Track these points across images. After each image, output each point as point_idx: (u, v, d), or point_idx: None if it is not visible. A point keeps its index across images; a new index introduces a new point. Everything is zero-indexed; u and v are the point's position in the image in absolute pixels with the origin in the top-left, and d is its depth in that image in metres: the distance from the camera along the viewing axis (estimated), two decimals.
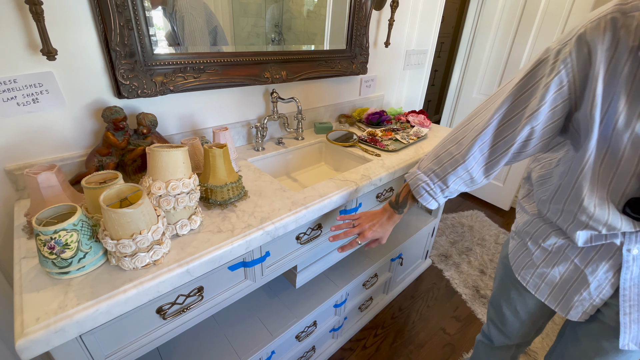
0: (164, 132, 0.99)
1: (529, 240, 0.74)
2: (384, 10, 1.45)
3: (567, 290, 0.69)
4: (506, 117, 0.60)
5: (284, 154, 1.22)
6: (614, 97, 0.48)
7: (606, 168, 0.53)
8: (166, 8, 0.90)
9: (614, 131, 0.50)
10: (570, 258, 0.67)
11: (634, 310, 0.62)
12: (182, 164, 0.66)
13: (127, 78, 0.83)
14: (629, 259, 0.59)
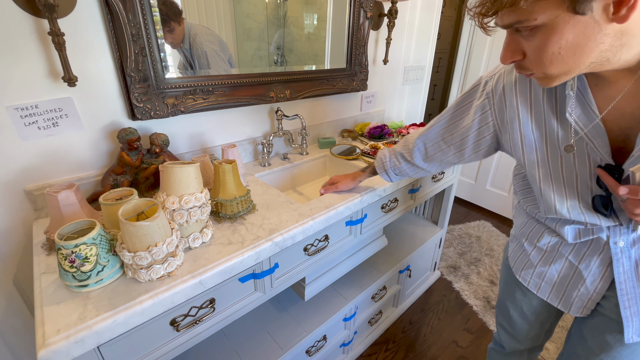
0: (175, 150, 1.03)
1: (526, 241, 0.77)
2: (381, 29, 1.52)
3: (566, 287, 0.71)
4: (446, 125, 0.77)
5: (289, 168, 1.25)
6: (523, 123, 0.62)
7: (558, 177, 0.60)
8: (183, 45, 0.97)
9: (538, 147, 0.61)
10: (565, 255, 0.69)
11: (633, 304, 0.63)
12: (194, 179, 0.70)
13: (141, 101, 0.88)
14: (617, 251, 0.61)
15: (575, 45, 0.42)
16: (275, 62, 1.24)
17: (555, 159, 0.60)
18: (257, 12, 1.14)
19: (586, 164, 0.56)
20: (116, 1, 0.78)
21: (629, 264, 0.61)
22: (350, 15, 1.33)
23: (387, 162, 0.90)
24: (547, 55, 0.44)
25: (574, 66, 0.45)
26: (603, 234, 0.61)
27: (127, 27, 0.81)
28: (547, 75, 0.47)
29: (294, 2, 1.22)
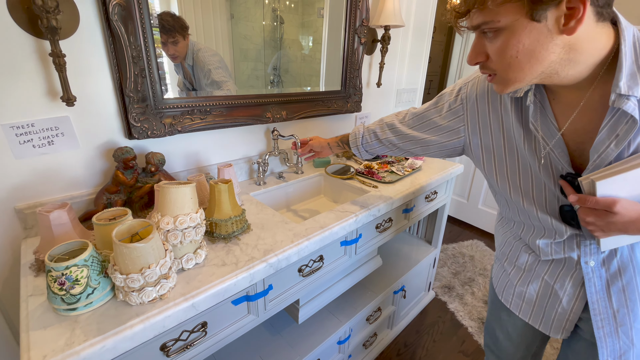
0: (171, 169, 1.03)
1: (505, 262, 0.79)
2: (374, 54, 1.57)
3: (545, 308, 0.72)
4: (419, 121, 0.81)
5: (284, 187, 1.26)
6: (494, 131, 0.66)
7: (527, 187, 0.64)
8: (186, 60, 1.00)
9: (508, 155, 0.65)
10: (541, 275, 0.71)
11: (606, 324, 0.63)
12: (190, 199, 0.70)
13: (139, 121, 0.88)
14: (588, 271, 0.62)
15: (531, 51, 0.45)
16: (272, 82, 1.27)
17: (524, 168, 0.63)
18: (255, 34, 1.18)
19: (550, 174, 0.59)
20: (118, 24, 0.80)
21: (600, 284, 0.62)
22: (345, 40, 1.38)
23: (360, 137, 0.95)
24: (506, 57, 0.47)
25: (528, 73, 0.48)
26: (574, 254, 0.63)
27: (128, 50, 0.83)
28: (504, 79, 0.50)
29: (291, 25, 1.27)
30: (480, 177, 2.48)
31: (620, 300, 0.62)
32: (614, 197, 0.48)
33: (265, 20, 1.19)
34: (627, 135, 0.47)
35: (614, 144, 0.49)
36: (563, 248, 0.64)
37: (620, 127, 0.48)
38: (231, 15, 1.08)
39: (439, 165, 1.48)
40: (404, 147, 0.86)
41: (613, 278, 0.61)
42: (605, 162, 0.50)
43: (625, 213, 0.48)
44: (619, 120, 0.48)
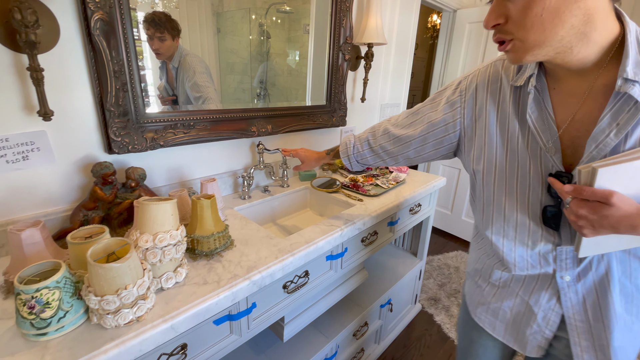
0: (152, 184, 1.01)
1: (479, 278, 0.77)
2: (358, 70, 1.61)
3: (520, 325, 0.70)
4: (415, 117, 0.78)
5: (270, 201, 1.25)
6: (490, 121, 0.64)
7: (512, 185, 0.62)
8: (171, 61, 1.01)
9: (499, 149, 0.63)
10: (516, 291, 0.69)
11: (582, 339, 0.63)
12: (171, 216, 0.68)
13: (119, 135, 0.87)
14: (564, 285, 0.62)
15: (556, 9, 0.45)
16: (258, 95, 1.28)
17: (512, 164, 0.61)
18: (241, 48, 1.19)
19: (539, 171, 0.58)
20: (100, 39, 0.79)
21: (576, 299, 0.62)
22: (330, 57, 1.41)
23: (351, 147, 0.90)
24: (530, 15, 0.46)
25: (549, 35, 0.47)
26: (550, 268, 0.62)
27: (110, 64, 0.82)
28: (524, 42, 0.48)
29: (277, 40, 1.29)
30: (463, 188, 2.53)
31: (596, 316, 0.61)
32: (611, 189, 0.46)
33: (252, 34, 1.21)
34: (629, 123, 0.47)
35: (613, 132, 0.48)
36: (539, 262, 0.63)
37: (622, 115, 0.48)
38: (218, 30, 1.09)
39: (423, 178, 1.50)
40: (398, 152, 0.81)
41: (589, 293, 0.61)
42: (602, 154, 0.50)
43: (622, 206, 0.46)
44: (621, 108, 0.48)
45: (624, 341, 0.62)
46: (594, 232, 0.49)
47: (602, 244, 0.53)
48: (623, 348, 0.62)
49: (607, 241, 0.53)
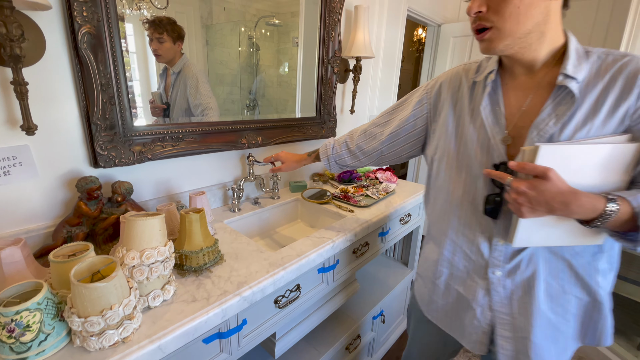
0: (139, 198, 0.99)
1: (427, 278, 0.82)
2: (347, 83, 1.63)
3: (464, 321, 0.74)
4: (388, 116, 0.86)
5: (260, 213, 1.24)
6: (448, 115, 0.72)
7: (460, 172, 0.69)
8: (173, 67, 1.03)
9: (454, 138, 0.70)
10: (456, 288, 0.75)
11: (505, 330, 0.68)
12: (159, 232, 0.67)
13: (106, 149, 0.85)
14: (494, 280, 0.67)
15: (529, 4, 0.52)
16: (247, 106, 1.28)
17: (463, 153, 0.68)
18: (231, 60, 1.20)
19: (485, 162, 0.64)
20: (87, 53, 0.78)
21: (504, 293, 0.66)
22: (319, 70, 1.43)
23: (330, 149, 0.97)
24: (510, 6, 0.52)
25: (521, 26, 0.54)
26: (484, 263, 0.67)
27: (97, 77, 0.81)
28: (500, 31, 0.55)
29: (266, 52, 1.30)
30: None
31: (520, 311, 0.66)
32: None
33: (241, 46, 1.22)
34: (565, 114, 0.55)
35: (552, 121, 0.56)
36: (476, 256, 0.68)
37: (560, 107, 0.56)
38: (207, 42, 1.10)
39: (412, 188, 1.52)
40: (372, 150, 0.87)
41: (516, 289, 0.65)
42: (541, 140, 0.57)
43: (557, 182, 0.51)
44: (560, 101, 0.56)
45: (546, 339, 0.66)
46: (531, 211, 0.53)
47: (535, 236, 0.58)
48: (543, 346, 0.66)
49: (539, 233, 0.57)
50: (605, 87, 0.54)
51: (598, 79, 0.55)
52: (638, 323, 1.73)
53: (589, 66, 0.56)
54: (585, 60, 0.56)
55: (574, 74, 0.54)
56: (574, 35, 0.58)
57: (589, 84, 0.55)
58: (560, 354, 0.68)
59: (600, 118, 0.54)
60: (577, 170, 0.53)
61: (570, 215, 0.53)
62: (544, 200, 0.51)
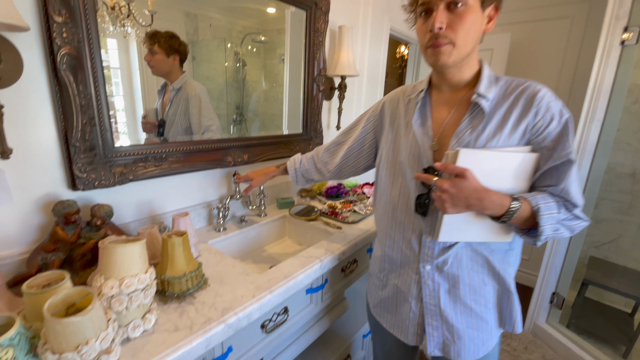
0: (120, 220, 0.96)
1: (372, 275, 0.92)
2: (333, 100, 1.66)
3: (401, 314, 0.81)
4: (343, 134, 0.98)
5: (246, 232, 1.22)
6: (388, 129, 0.83)
7: (397, 178, 0.78)
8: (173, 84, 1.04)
9: (392, 149, 0.80)
10: (394, 282, 0.82)
11: (433, 319, 0.76)
12: (139, 258, 0.64)
13: (85, 171, 0.83)
14: (424, 274, 0.75)
15: (478, 26, 0.63)
16: (235, 120, 1.28)
17: (400, 161, 0.77)
18: (217, 75, 1.20)
19: (416, 167, 0.73)
20: (67, 74, 0.77)
21: (432, 286, 0.74)
22: (305, 88, 1.44)
23: (298, 163, 1.05)
24: (466, 25, 0.60)
25: (469, 43, 0.63)
26: (416, 258, 0.75)
27: (77, 99, 0.79)
28: (457, 45, 0.62)
29: (253, 67, 1.31)
30: None
31: (446, 301, 0.74)
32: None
33: (228, 62, 1.22)
34: (478, 125, 0.66)
35: (469, 131, 0.66)
36: (410, 251, 0.76)
37: (475, 119, 0.66)
38: (193, 57, 1.10)
39: None
40: (334, 164, 0.97)
41: (443, 282, 0.74)
42: (461, 146, 0.66)
43: (472, 180, 0.60)
44: (476, 115, 0.67)
45: (470, 327, 0.75)
46: (453, 207, 0.62)
47: (456, 232, 0.67)
48: (468, 333, 0.75)
49: (460, 229, 0.66)
50: (510, 106, 0.65)
51: (505, 100, 0.65)
52: (622, 331, 1.77)
53: (497, 89, 0.67)
54: (495, 84, 0.67)
55: (485, 93, 0.65)
56: (487, 64, 0.71)
57: (498, 103, 0.66)
58: (486, 341, 0.77)
59: (506, 131, 0.64)
60: (489, 173, 0.62)
61: (484, 211, 0.62)
62: (463, 197, 0.60)
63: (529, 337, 1.90)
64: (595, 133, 1.56)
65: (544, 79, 2.16)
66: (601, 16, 1.58)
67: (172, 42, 0.99)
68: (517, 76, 0.71)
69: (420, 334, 0.79)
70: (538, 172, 0.65)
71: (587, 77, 1.57)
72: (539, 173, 0.65)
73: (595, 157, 1.60)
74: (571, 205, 0.64)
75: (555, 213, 0.62)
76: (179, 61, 1.04)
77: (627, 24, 1.40)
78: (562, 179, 0.63)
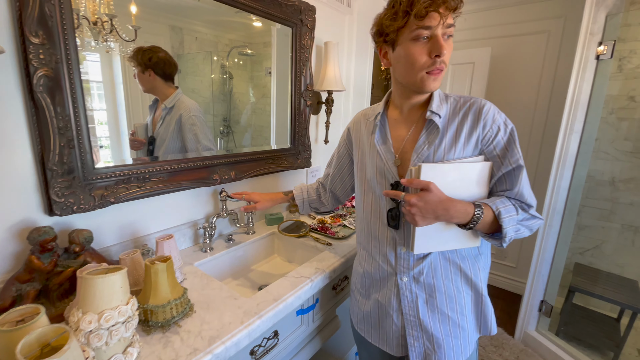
0: (100, 244, 0.92)
1: (354, 291, 0.93)
2: (320, 114, 1.66)
3: (385, 328, 0.83)
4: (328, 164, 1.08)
5: (234, 251, 1.19)
6: (355, 150, 0.90)
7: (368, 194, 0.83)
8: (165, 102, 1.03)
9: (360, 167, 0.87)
10: (374, 297, 0.84)
11: (414, 330, 0.78)
12: (120, 289, 0.61)
13: (62, 195, 0.79)
14: (402, 286, 0.78)
15: None
16: (222, 132, 1.26)
17: (368, 178, 0.82)
18: (203, 88, 1.18)
19: (383, 183, 0.77)
20: (43, 96, 0.74)
21: (410, 297, 0.77)
22: (292, 103, 1.44)
23: (306, 193, 1.12)
24: (450, 53, 0.66)
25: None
26: (393, 271, 0.78)
27: (54, 121, 0.76)
28: (444, 71, 0.68)
29: (240, 80, 1.30)
30: None
31: (424, 311, 0.77)
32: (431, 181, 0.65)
33: (214, 74, 1.21)
34: (435, 140, 0.71)
35: (426, 146, 0.72)
36: (387, 265, 0.79)
37: (431, 135, 0.72)
38: (179, 70, 1.08)
39: None
40: (333, 189, 1.06)
41: (421, 292, 0.77)
42: (420, 160, 0.71)
43: (437, 192, 0.64)
44: (431, 131, 0.72)
45: (449, 335, 0.77)
46: (423, 219, 0.65)
47: (430, 242, 0.70)
48: (447, 341, 0.77)
49: (433, 239, 0.70)
50: (461, 121, 0.71)
51: (455, 116, 0.71)
52: (610, 337, 1.79)
53: (448, 106, 0.73)
54: (445, 102, 0.73)
55: (437, 111, 0.71)
56: None
57: (449, 119, 0.71)
58: (464, 347, 0.79)
59: (460, 144, 0.70)
60: (451, 184, 0.67)
61: (451, 220, 0.66)
62: (431, 209, 0.64)
63: (519, 346, 1.91)
64: (575, 143, 1.60)
65: (524, 91, 2.23)
66: (576, 31, 1.65)
67: (143, 57, 0.96)
68: (499, 89, 0.77)
69: (404, 344, 0.81)
70: (493, 179, 0.71)
71: (564, 89, 1.62)
72: (494, 179, 0.71)
73: (576, 167, 1.65)
74: (527, 205, 0.70)
75: (514, 215, 0.67)
76: (161, 77, 1.02)
77: (602, 39, 1.46)
78: (516, 183, 0.69)
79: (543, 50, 2.13)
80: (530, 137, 2.27)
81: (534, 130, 2.25)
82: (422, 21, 0.62)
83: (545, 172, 2.06)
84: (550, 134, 2.17)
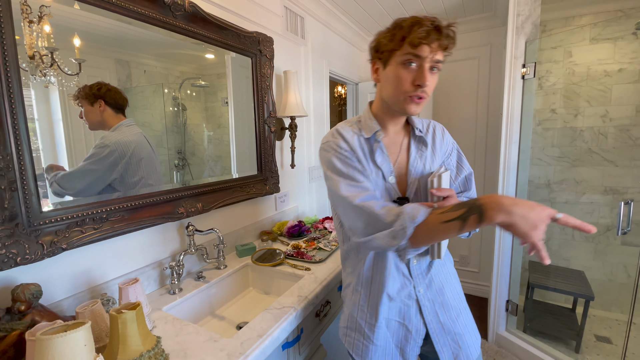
0: (50, 299, 0.80)
1: (359, 328, 0.81)
2: (285, 139, 1.67)
3: (405, 348, 0.80)
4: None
5: (205, 290, 1.10)
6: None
7: None
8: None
9: None
10: (394, 319, 0.80)
11: (440, 337, 0.80)
12: (84, 347, 0.53)
13: (3, 247, 0.68)
14: (421, 297, 0.80)
15: None
16: (177, 166, 1.20)
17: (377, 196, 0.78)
18: (155, 121, 1.13)
19: (387, 199, 0.78)
20: None
21: (430, 305, 0.80)
22: (257, 130, 1.44)
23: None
24: (433, 85, 0.72)
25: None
26: (410, 284, 0.79)
27: None
28: (425, 100, 0.73)
29: (194, 111, 1.26)
30: None
31: (443, 315, 0.81)
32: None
33: (166, 107, 1.16)
34: (424, 154, 0.81)
35: (419, 160, 0.80)
36: (404, 279, 0.79)
37: (419, 150, 0.81)
38: (128, 104, 1.03)
39: None
40: None
41: (435, 297, 0.81)
42: (417, 173, 0.79)
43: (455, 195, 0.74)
44: (419, 146, 0.82)
45: (465, 327, 0.83)
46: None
47: (444, 244, 0.78)
48: (465, 334, 0.82)
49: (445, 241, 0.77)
50: (432, 138, 0.84)
51: (427, 133, 0.84)
52: (569, 327, 1.94)
53: (421, 125, 0.84)
54: (419, 122, 0.84)
55: (421, 128, 0.83)
56: None
57: (425, 136, 0.83)
58: (478, 339, 0.85)
59: (437, 157, 0.83)
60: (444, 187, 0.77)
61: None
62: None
63: (494, 348, 1.97)
64: (515, 153, 1.79)
65: (465, 110, 2.48)
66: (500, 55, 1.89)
67: (91, 89, 0.91)
68: (443, 108, 0.86)
69: (419, 353, 0.84)
70: (455, 183, 0.86)
71: (497, 105, 1.84)
72: (456, 183, 0.86)
73: (518, 173, 1.83)
74: None
75: None
76: (112, 107, 0.96)
77: (524, 61, 1.69)
78: (471, 186, 0.87)
79: (476, 74, 2.40)
80: (475, 148, 2.49)
81: (478, 142, 2.48)
82: (414, 49, 0.67)
83: (492, 179, 2.26)
84: (492, 145, 2.41)
